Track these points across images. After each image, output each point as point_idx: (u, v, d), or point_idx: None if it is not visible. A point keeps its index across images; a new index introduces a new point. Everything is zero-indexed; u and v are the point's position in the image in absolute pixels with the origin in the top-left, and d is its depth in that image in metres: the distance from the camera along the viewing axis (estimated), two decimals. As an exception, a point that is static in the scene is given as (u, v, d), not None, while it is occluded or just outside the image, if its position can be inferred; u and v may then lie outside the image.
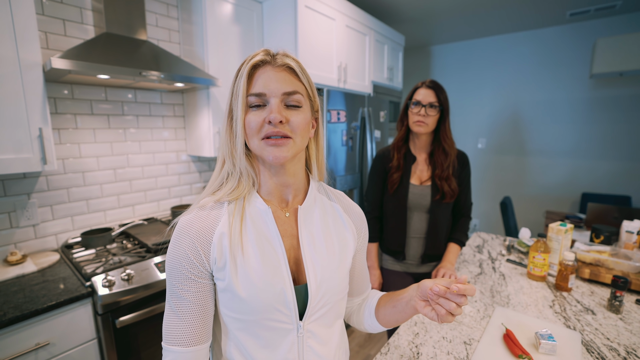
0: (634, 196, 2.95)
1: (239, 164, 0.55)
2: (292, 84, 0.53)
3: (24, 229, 1.36)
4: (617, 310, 0.97)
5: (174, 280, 0.53)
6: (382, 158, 1.32)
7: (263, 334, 0.54)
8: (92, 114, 1.52)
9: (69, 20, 1.40)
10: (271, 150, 0.52)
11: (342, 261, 0.61)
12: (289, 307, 0.54)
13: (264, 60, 0.53)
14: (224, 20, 1.70)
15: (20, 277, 1.18)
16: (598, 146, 3.08)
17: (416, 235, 1.29)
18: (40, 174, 1.39)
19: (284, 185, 0.59)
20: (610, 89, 2.95)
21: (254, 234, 0.55)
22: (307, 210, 0.60)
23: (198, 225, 0.53)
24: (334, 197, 0.66)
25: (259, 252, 0.54)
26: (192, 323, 0.53)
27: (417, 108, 1.20)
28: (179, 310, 0.53)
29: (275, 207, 0.59)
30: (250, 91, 0.52)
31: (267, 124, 0.51)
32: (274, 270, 0.53)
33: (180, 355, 0.52)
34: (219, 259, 0.52)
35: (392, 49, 2.79)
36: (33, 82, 1.12)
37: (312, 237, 0.59)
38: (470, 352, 0.81)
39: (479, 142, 3.74)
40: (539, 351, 0.79)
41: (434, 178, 1.24)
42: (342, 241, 0.62)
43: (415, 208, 1.26)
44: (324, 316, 0.58)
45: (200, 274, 0.53)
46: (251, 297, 0.52)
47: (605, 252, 1.27)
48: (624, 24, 2.82)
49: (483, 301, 1.05)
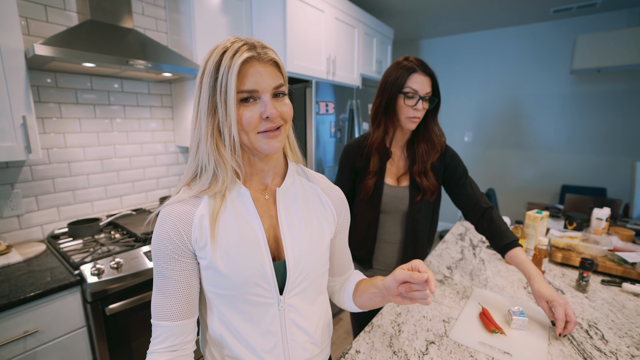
0: (609, 188, 3.10)
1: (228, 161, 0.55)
2: (278, 77, 0.55)
3: (8, 219, 1.34)
4: (584, 290, 1.04)
5: (160, 261, 0.55)
6: (350, 154, 1.12)
7: (246, 308, 0.57)
8: (77, 103, 1.50)
9: (50, 6, 1.37)
10: (269, 142, 0.54)
11: (321, 238, 0.63)
12: (269, 282, 0.57)
13: (251, 56, 0.53)
14: (213, 10, 1.69)
15: (6, 267, 1.17)
16: (578, 140, 3.20)
17: (390, 240, 1.13)
18: (24, 164, 1.37)
19: (265, 170, 0.61)
20: (589, 85, 3.07)
21: (233, 215, 0.57)
22: (285, 191, 0.62)
23: (180, 209, 0.56)
24: (313, 179, 0.68)
25: (238, 231, 0.56)
26: (178, 300, 0.55)
27: (413, 101, 0.94)
28: (166, 289, 0.55)
29: (255, 191, 0.61)
30: (242, 87, 0.52)
31: (264, 120, 0.53)
32: (253, 247, 0.56)
33: (168, 329, 0.55)
34: (199, 239, 0.55)
35: (381, 42, 2.81)
36: (15, 68, 1.10)
37: (291, 216, 0.61)
38: (449, 329, 0.86)
39: (465, 136, 3.83)
40: (511, 327, 0.85)
41: (412, 174, 1.06)
42: (321, 220, 0.64)
43: (391, 212, 1.10)
44: (305, 291, 0.62)
45: (184, 254, 0.55)
46: (232, 273, 0.54)
47: (576, 237, 1.35)
48: (605, 22, 2.92)
49: (463, 284, 1.11)
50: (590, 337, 0.82)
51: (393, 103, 0.99)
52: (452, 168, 1.09)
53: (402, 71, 0.96)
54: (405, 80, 0.95)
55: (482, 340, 0.81)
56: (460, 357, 0.75)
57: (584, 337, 0.82)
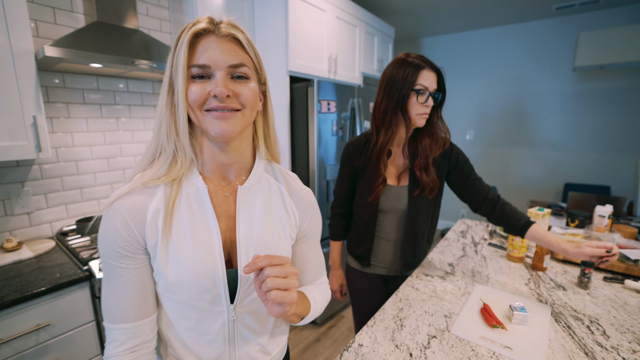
0: (613, 186, 3.09)
1: (182, 141, 0.51)
2: (238, 56, 0.50)
3: (19, 216, 1.37)
4: (586, 286, 1.05)
5: (109, 259, 0.50)
6: (350, 153, 1.13)
7: (193, 315, 0.53)
8: (84, 103, 1.52)
9: (59, 8, 1.39)
10: (217, 123, 0.49)
11: (281, 244, 0.58)
12: (219, 290, 0.52)
13: (207, 28, 0.49)
14: (215, 10, 1.71)
15: (17, 262, 1.20)
16: (581, 138, 3.19)
17: (389, 238, 1.14)
18: (33, 162, 1.40)
19: (227, 162, 0.55)
20: (591, 82, 3.05)
21: (188, 213, 0.52)
22: (248, 190, 0.57)
23: (131, 201, 0.50)
24: (281, 179, 0.62)
25: (191, 232, 0.51)
26: (134, 299, 0.50)
27: (424, 97, 0.96)
28: (119, 289, 0.50)
29: (215, 186, 0.55)
30: (192, 62, 0.48)
31: (213, 98, 0.48)
32: (206, 252, 0.51)
33: (125, 331, 0.50)
34: (151, 237, 0.50)
35: (382, 40, 2.82)
36: (26, 69, 1.12)
37: (251, 219, 0.56)
38: (450, 324, 0.87)
39: (467, 134, 3.82)
40: (511, 322, 0.86)
41: (413, 169, 1.05)
42: (282, 224, 0.59)
43: (389, 211, 1.10)
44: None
45: (135, 250, 0.50)
46: (180, 278, 0.50)
47: (578, 234, 1.36)
48: (607, 19, 2.91)
49: (464, 280, 1.12)
50: (592, 333, 0.83)
51: (406, 102, 0.98)
52: (459, 167, 1.10)
53: (410, 69, 0.96)
54: (417, 77, 0.95)
55: (483, 334, 0.82)
56: (462, 351, 0.77)
57: (585, 333, 0.83)
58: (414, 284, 1.09)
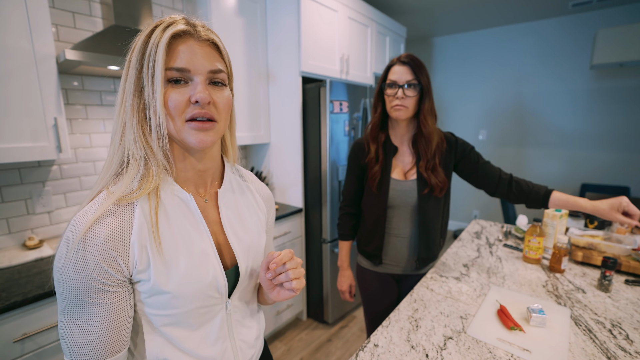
0: (632, 187, 2.99)
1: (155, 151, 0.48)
2: (217, 62, 0.49)
3: (40, 215, 1.42)
4: (606, 289, 1.02)
5: (80, 296, 0.43)
6: (356, 151, 1.16)
7: (195, 321, 0.53)
8: (101, 105, 1.56)
9: (78, 13, 1.43)
10: (196, 134, 0.47)
11: (260, 239, 0.63)
12: (221, 291, 0.54)
13: (185, 30, 0.46)
14: (228, 12, 1.73)
15: (39, 260, 1.24)
16: (598, 137, 3.11)
17: (400, 234, 1.14)
18: (54, 163, 1.44)
19: (203, 170, 0.55)
20: (610, 80, 2.97)
21: (177, 225, 0.50)
22: (225, 193, 0.59)
23: (109, 228, 0.44)
24: (247, 178, 0.67)
25: (183, 244, 0.50)
26: (108, 336, 0.45)
27: (393, 90, 1.03)
28: (89, 327, 0.45)
29: (194, 194, 0.55)
30: (171, 64, 0.45)
31: (193, 104, 0.47)
32: (203, 260, 0.51)
33: None
34: (140, 261, 0.46)
35: (393, 40, 2.80)
36: (47, 73, 1.16)
37: (233, 220, 0.59)
38: (466, 325, 0.86)
39: (480, 134, 3.77)
40: (529, 324, 0.85)
41: (419, 170, 1.08)
42: (256, 220, 0.63)
43: (399, 206, 1.10)
44: (246, 289, 0.62)
45: (117, 283, 0.46)
46: (182, 291, 0.49)
47: (598, 236, 1.32)
48: (625, 15, 2.82)
49: (480, 281, 1.10)
50: (614, 337, 0.81)
51: (382, 95, 1.10)
52: (466, 155, 1.12)
53: (387, 65, 1.08)
54: (387, 73, 1.07)
55: (500, 336, 0.81)
56: (479, 352, 0.76)
57: (607, 337, 0.81)
58: (429, 284, 1.08)
